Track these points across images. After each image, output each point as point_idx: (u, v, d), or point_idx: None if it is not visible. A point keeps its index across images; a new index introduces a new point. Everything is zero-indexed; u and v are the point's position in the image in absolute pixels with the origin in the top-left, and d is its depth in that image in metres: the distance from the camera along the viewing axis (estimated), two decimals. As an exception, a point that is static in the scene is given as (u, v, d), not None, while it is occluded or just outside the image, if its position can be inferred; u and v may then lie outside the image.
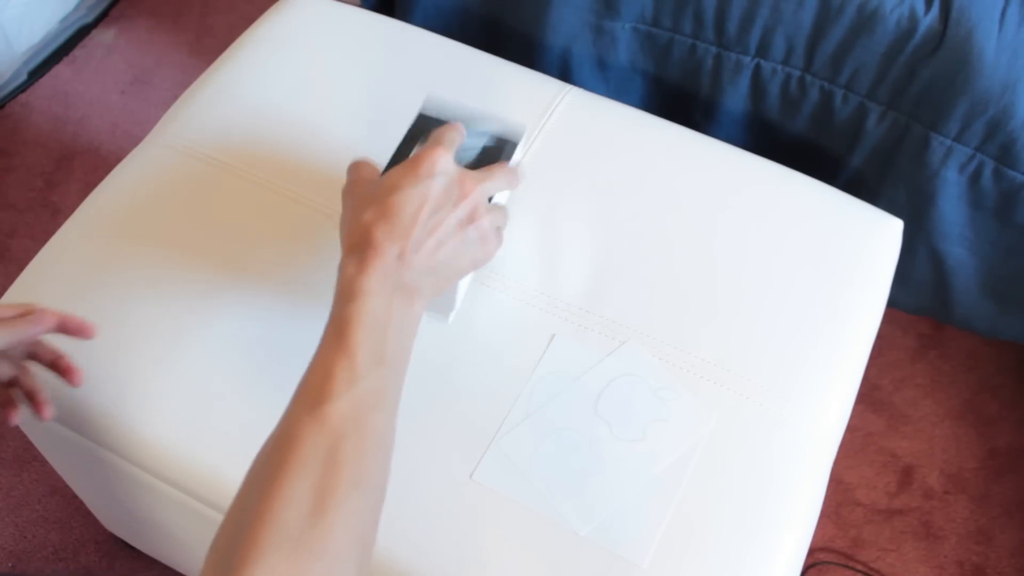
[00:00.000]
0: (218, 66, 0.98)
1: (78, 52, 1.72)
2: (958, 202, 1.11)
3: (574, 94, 0.95)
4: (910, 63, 1.03)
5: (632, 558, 0.70)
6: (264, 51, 0.98)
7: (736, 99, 1.16)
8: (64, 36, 1.71)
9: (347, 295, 0.59)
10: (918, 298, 1.25)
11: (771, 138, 1.18)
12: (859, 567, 1.25)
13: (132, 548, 1.21)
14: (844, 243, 0.88)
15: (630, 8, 1.12)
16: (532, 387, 0.77)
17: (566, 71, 1.21)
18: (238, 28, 1.04)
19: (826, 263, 0.86)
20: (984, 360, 1.42)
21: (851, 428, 1.07)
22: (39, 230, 1.49)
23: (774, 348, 0.80)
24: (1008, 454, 1.35)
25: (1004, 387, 1.40)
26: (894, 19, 1.01)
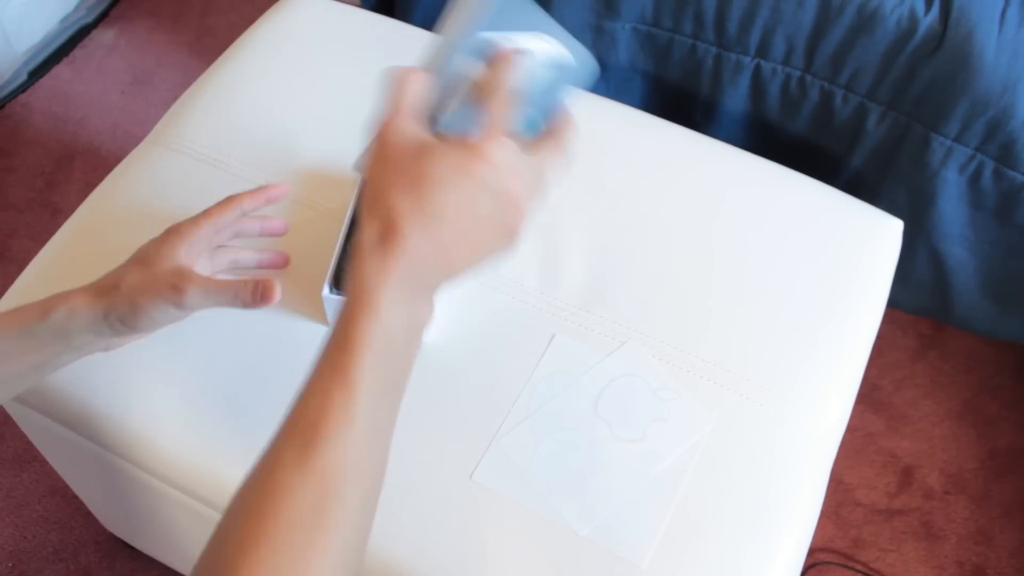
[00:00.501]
0: (218, 66, 0.98)
1: (78, 52, 1.72)
2: (958, 202, 1.11)
3: (574, 94, 0.95)
4: (910, 63, 1.03)
5: (632, 558, 0.70)
6: (264, 51, 0.98)
7: (736, 99, 1.16)
8: (64, 36, 1.71)
9: (361, 302, 0.50)
10: (918, 298, 1.25)
11: (771, 138, 1.18)
12: (859, 567, 1.25)
13: (132, 548, 1.21)
14: (844, 243, 0.88)
15: (630, 8, 1.12)
16: (532, 387, 0.77)
17: (566, 71, 1.21)
18: (238, 28, 1.04)
19: (826, 263, 0.86)
20: (984, 360, 1.42)
21: (851, 428, 1.07)
22: (39, 230, 1.49)
23: (774, 348, 0.80)
24: (1008, 454, 1.35)
25: (1004, 387, 1.40)
26: (894, 19, 1.01)
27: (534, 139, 0.58)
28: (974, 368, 1.41)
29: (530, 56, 0.58)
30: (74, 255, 0.85)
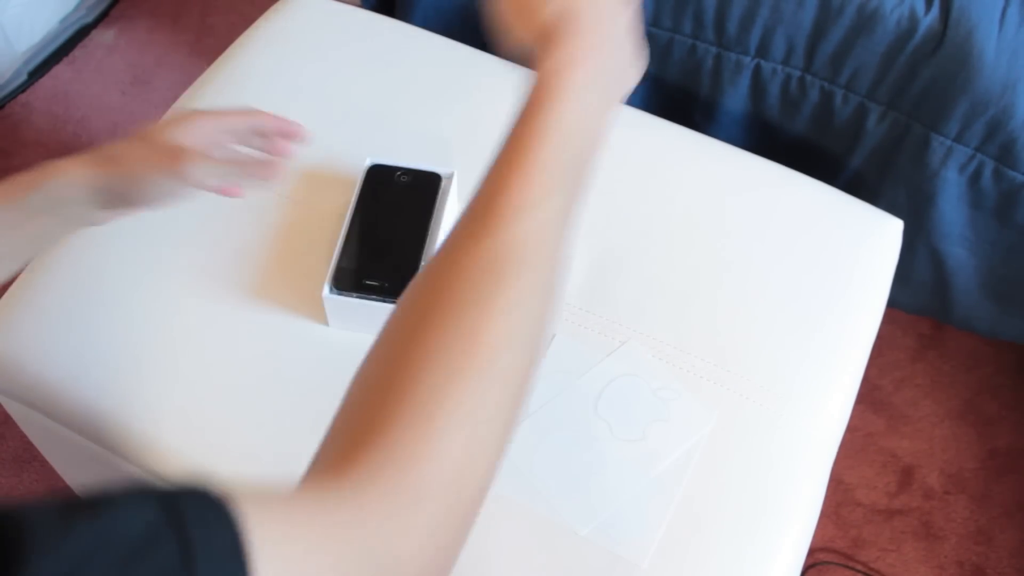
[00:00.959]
0: (218, 66, 0.98)
1: (78, 52, 1.72)
2: (958, 202, 1.11)
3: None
4: (910, 63, 1.03)
5: (632, 558, 0.70)
6: (264, 51, 0.98)
7: (736, 99, 1.16)
8: (64, 36, 1.71)
9: (546, 91, 0.49)
10: (918, 298, 1.25)
11: (771, 138, 1.18)
12: (859, 567, 1.25)
13: (132, 548, 1.21)
14: (844, 243, 0.88)
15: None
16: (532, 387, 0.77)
17: (566, 71, 1.21)
18: (238, 28, 1.04)
19: (826, 263, 0.86)
20: (984, 360, 1.42)
21: (851, 428, 1.07)
22: (39, 230, 1.49)
23: (774, 348, 0.80)
24: (1008, 454, 1.35)
25: (1004, 387, 1.40)
26: (894, 19, 1.01)
27: None
28: (974, 368, 1.41)
29: None
30: (74, 255, 0.85)
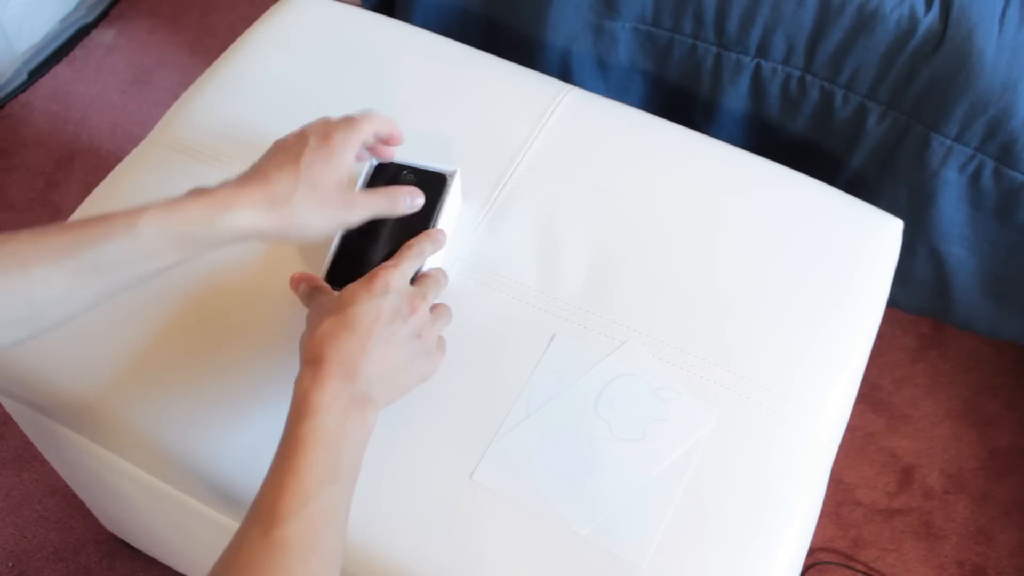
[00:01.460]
0: (218, 66, 0.98)
1: (78, 52, 1.72)
2: (958, 202, 1.11)
3: (574, 94, 0.95)
4: (910, 63, 1.03)
5: (632, 558, 0.70)
6: (264, 51, 0.98)
7: (736, 99, 1.16)
8: (64, 36, 1.71)
9: (300, 411, 0.60)
10: (918, 298, 1.25)
11: (771, 138, 1.18)
12: (859, 567, 1.25)
13: (132, 548, 1.21)
14: (844, 243, 0.88)
15: (630, 8, 1.12)
16: (532, 387, 0.77)
17: (566, 71, 1.21)
18: (238, 28, 1.04)
19: (826, 263, 0.86)
20: (984, 360, 1.42)
21: (851, 428, 1.07)
22: (39, 230, 1.49)
23: (774, 348, 0.80)
24: (1008, 454, 1.35)
25: (1004, 387, 1.40)
26: (894, 19, 1.01)
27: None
28: (974, 368, 1.41)
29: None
30: (74, 255, 0.85)
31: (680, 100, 1.20)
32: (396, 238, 0.77)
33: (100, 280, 0.62)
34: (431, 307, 0.73)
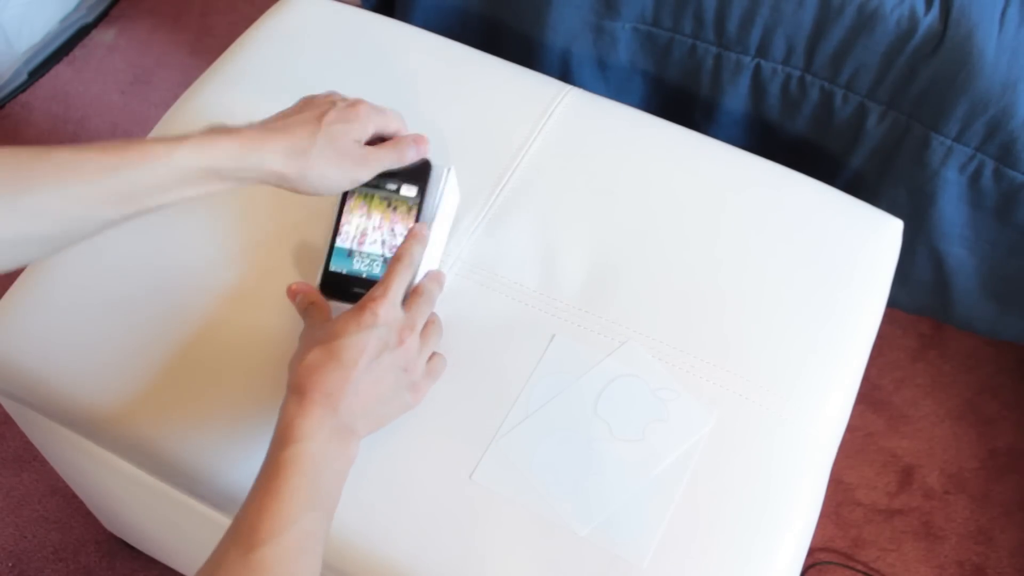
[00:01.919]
0: (218, 66, 0.98)
1: (78, 52, 1.72)
2: (958, 202, 1.11)
3: (574, 94, 0.95)
4: (910, 63, 1.03)
5: (632, 558, 0.70)
6: (264, 51, 0.98)
7: (736, 99, 1.16)
8: (64, 36, 1.71)
9: (284, 438, 0.61)
10: (918, 298, 1.25)
11: (771, 138, 1.18)
12: (859, 567, 1.25)
13: (132, 548, 1.21)
14: (844, 243, 0.88)
15: (630, 8, 1.12)
16: (532, 387, 0.77)
17: (566, 71, 1.21)
18: (238, 28, 1.04)
19: (826, 263, 0.86)
20: (984, 360, 1.42)
21: (851, 428, 1.07)
22: (39, 230, 1.49)
23: (774, 348, 0.80)
24: (1008, 454, 1.35)
25: (1004, 387, 1.40)
26: (894, 19, 1.01)
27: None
28: (974, 368, 1.41)
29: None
30: (75, 254, 0.85)
31: (680, 100, 1.20)
32: (387, 239, 0.77)
33: (127, 204, 0.64)
34: (424, 325, 0.73)
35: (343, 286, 0.76)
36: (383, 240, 0.77)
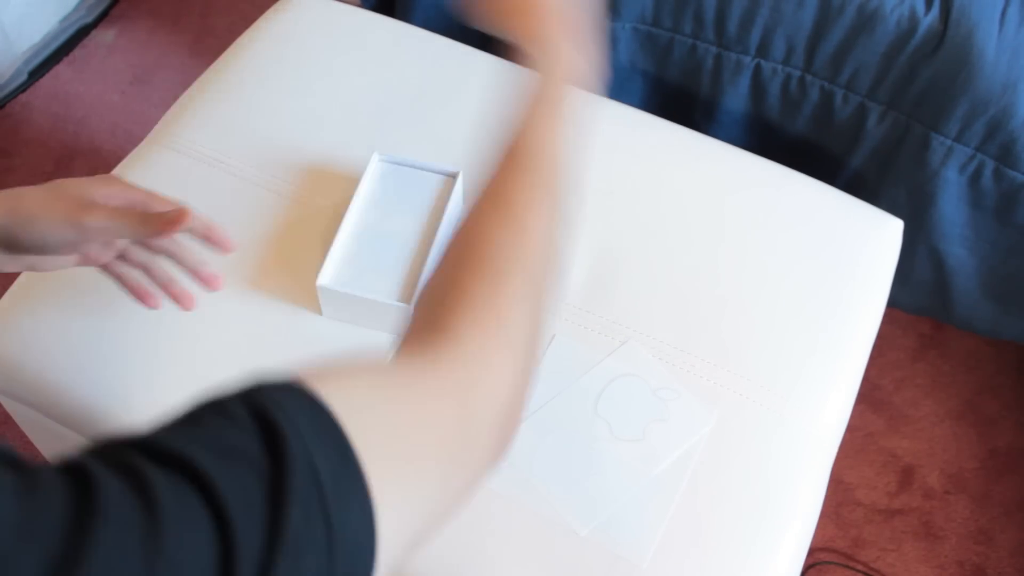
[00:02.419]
0: (218, 66, 0.98)
1: (78, 52, 1.72)
2: (958, 202, 1.11)
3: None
4: (910, 63, 1.03)
5: (632, 558, 0.70)
6: (264, 51, 0.98)
7: (736, 99, 1.16)
8: (64, 36, 1.71)
9: (560, 96, 0.60)
10: (918, 298, 1.25)
11: (771, 138, 1.18)
12: (859, 567, 1.25)
13: (132, 548, 1.21)
14: (844, 243, 0.88)
15: (630, 8, 1.12)
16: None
17: (566, 71, 1.21)
18: (238, 28, 1.04)
19: (826, 263, 0.86)
20: (984, 360, 1.42)
21: (851, 428, 1.07)
22: (39, 230, 1.49)
23: (774, 348, 0.80)
24: (1008, 454, 1.35)
25: (1004, 387, 1.40)
26: (894, 19, 1.01)
27: None
28: (974, 368, 1.41)
29: None
30: (74, 255, 0.85)
31: (680, 100, 1.20)
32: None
33: None
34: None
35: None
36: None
